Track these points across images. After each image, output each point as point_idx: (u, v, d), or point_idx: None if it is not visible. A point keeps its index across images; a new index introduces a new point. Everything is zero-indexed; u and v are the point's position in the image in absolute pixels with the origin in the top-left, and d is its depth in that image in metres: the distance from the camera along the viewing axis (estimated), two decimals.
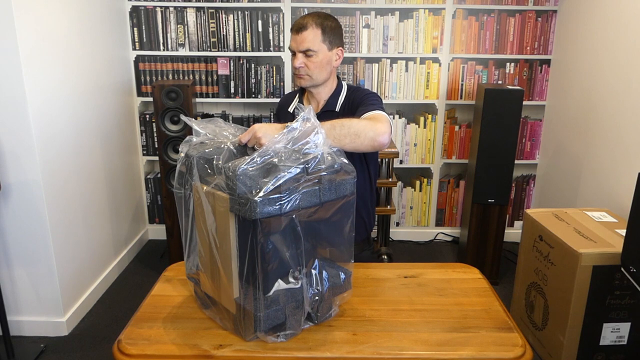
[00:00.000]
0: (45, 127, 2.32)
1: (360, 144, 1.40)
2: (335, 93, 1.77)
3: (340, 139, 1.37)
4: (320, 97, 1.78)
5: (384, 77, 3.33)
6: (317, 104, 1.79)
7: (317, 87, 1.74)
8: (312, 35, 1.64)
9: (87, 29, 2.73)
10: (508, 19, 3.24)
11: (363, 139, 1.40)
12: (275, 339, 1.19)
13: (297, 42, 1.66)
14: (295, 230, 1.16)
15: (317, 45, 1.65)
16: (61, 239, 2.46)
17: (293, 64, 1.69)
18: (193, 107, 2.89)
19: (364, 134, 1.40)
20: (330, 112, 1.74)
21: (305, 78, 1.70)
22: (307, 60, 1.66)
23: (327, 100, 1.76)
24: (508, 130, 2.85)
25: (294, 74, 1.73)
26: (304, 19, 1.66)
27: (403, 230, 3.63)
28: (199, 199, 1.22)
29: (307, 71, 1.68)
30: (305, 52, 1.65)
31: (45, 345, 2.40)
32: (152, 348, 1.19)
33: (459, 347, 1.19)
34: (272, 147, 1.15)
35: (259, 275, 1.13)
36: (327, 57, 1.68)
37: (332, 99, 1.76)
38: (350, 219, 1.27)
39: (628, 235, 1.71)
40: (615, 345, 2.07)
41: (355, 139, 1.38)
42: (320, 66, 1.68)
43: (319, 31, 1.64)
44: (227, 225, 1.14)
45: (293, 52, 1.68)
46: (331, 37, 1.67)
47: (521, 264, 2.42)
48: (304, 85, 1.73)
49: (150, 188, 3.53)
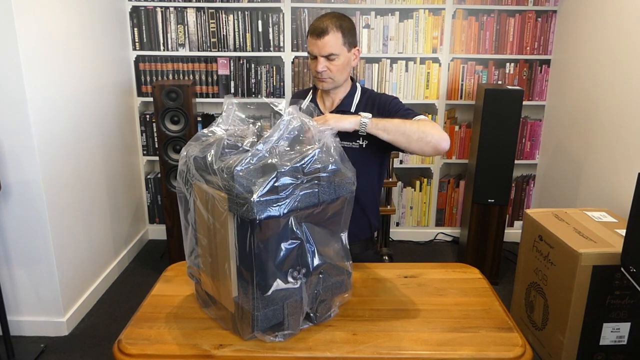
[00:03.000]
0: (45, 127, 2.32)
1: (425, 145, 1.48)
2: (350, 93, 1.76)
3: (410, 134, 1.46)
4: (336, 96, 1.77)
5: (384, 77, 3.33)
6: (331, 103, 1.78)
7: (337, 88, 1.74)
8: (334, 40, 1.62)
9: (87, 29, 2.73)
10: (508, 19, 3.24)
11: (430, 139, 1.47)
12: (273, 338, 1.19)
13: (319, 47, 1.63)
14: (294, 230, 1.16)
15: (339, 48, 1.63)
16: (61, 239, 2.46)
17: (315, 68, 1.66)
18: (193, 107, 2.89)
19: (431, 135, 1.47)
20: (345, 112, 1.72)
21: (327, 81, 1.68)
22: (329, 63, 1.65)
23: (342, 100, 1.75)
24: (508, 130, 2.85)
25: (314, 77, 1.71)
26: (322, 22, 1.63)
27: (403, 230, 3.64)
28: (198, 198, 1.22)
29: (329, 74, 1.66)
30: (327, 57, 1.64)
31: (45, 345, 2.40)
32: (152, 348, 1.19)
33: (459, 347, 1.19)
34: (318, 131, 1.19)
35: (257, 275, 1.13)
36: (347, 59, 1.67)
37: (347, 99, 1.75)
38: (348, 219, 1.27)
39: (628, 235, 1.71)
40: (615, 345, 2.07)
41: (422, 137, 1.46)
42: (342, 68, 1.67)
43: (339, 34, 1.63)
44: (225, 224, 1.14)
45: (314, 56, 1.66)
46: (349, 38, 1.67)
47: (521, 264, 2.42)
48: (326, 88, 1.71)
49: (151, 188, 3.53)
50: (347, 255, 1.30)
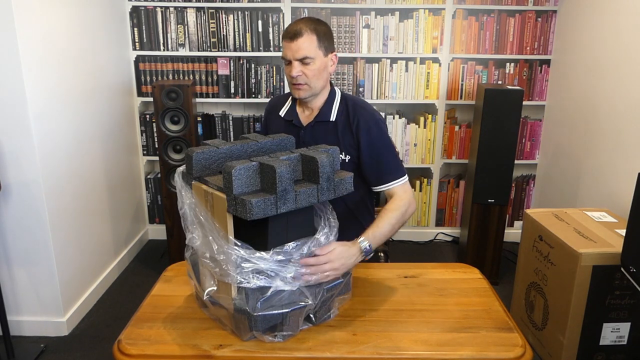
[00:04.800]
0: (45, 127, 2.32)
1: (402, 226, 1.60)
2: (329, 100, 1.70)
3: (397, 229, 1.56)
4: (314, 105, 1.72)
5: (384, 77, 3.33)
6: (310, 112, 1.73)
7: (314, 96, 1.68)
8: (308, 42, 1.57)
9: (87, 29, 2.73)
10: (508, 19, 3.24)
11: (403, 223, 1.59)
12: (272, 339, 1.19)
13: (292, 50, 1.58)
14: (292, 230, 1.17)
15: (314, 51, 1.58)
16: (61, 239, 2.46)
17: (289, 73, 1.61)
18: (193, 107, 2.89)
19: (406, 217, 1.59)
20: (325, 123, 1.69)
21: (303, 88, 1.62)
22: (304, 68, 1.59)
23: (321, 109, 1.70)
24: (508, 130, 2.85)
25: (290, 85, 1.65)
26: (296, 25, 1.59)
27: (403, 230, 3.63)
28: (198, 198, 1.23)
29: (305, 79, 1.60)
30: (302, 60, 1.58)
31: (45, 345, 2.40)
32: (152, 348, 1.19)
33: (459, 347, 1.19)
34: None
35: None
36: (323, 64, 1.62)
37: (326, 107, 1.70)
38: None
39: (628, 235, 1.71)
40: (615, 345, 2.07)
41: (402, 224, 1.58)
42: (318, 73, 1.61)
43: (314, 37, 1.58)
44: (224, 224, 1.15)
45: (288, 60, 1.61)
46: (325, 42, 1.62)
47: (521, 264, 2.42)
48: (302, 96, 1.65)
49: (151, 188, 3.53)
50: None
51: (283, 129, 1.73)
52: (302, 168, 1.21)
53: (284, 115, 1.78)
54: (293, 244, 1.17)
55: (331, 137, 1.67)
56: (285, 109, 1.79)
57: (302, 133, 1.71)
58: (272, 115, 1.84)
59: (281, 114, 1.79)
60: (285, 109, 1.79)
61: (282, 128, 1.75)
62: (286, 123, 1.76)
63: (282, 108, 1.80)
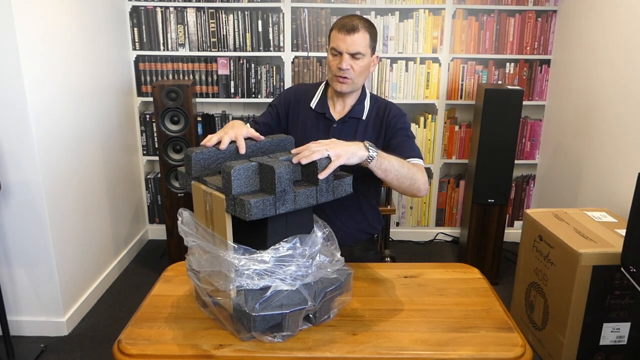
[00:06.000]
0: (45, 127, 2.32)
1: (408, 188, 1.47)
2: (361, 99, 1.72)
3: (403, 181, 1.44)
4: (347, 101, 1.71)
5: (384, 77, 3.33)
6: (342, 108, 1.72)
7: (352, 92, 1.69)
8: (362, 38, 1.59)
9: (87, 29, 2.73)
10: (508, 19, 3.24)
11: (412, 185, 1.47)
12: (271, 339, 1.18)
13: (347, 44, 1.58)
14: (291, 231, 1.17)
15: (365, 48, 1.60)
16: (61, 239, 2.46)
17: (338, 65, 1.61)
18: (193, 107, 2.89)
19: (417, 183, 1.48)
20: (357, 120, 1.69)
21: (347, 82, 1.62)
22: (354, 62, 1.60)
23: (354, 106, 1.70)
24: (508, 130, 2.85)
25: (333, 76, 1.64)
26: (353, 20, 1.60)
27: (403, 230, 3.63)
28: (197, 198, 1.23)
29: (352, 74, 1.61)
30: (353, 55, 1.60)
31: (45, 345, 2.40)
32: (152, 348, 1.19)
33: (459, 347, 1.19)
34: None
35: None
36: (369, 62, 1.64)
37: (358, 105, 1.70)
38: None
39: (628, 235, 1.71)
40: (615, 345, 2.07)
41: (411, 185, 1.46)
42: (364, 70, 1.63)
43: (367, 35, 1.60)
44: (223, 224, 1.15)
45: (338, 52, 1.60)
46: (374, 43, 1.65)
47: (521, 264, 2.42)
48: (345, 90, 1.64)
49: (151, 188, 3.53)
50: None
51: (313, 121, 1.71)
52: (302, 169, 1.21)
53: (314, 107, 1.73)
54: (292, 244, 1.17)
55: (359, 135, 1.68)
56: (315, 100, 1.74)
57: (334, 127, 1.70)
58: (301, 105, 1.76)
59: (312, 105, 1.74)
60: (316, 101, 1.74)
61: (312, 119, 1.72)
62: (317, 115, 1.72)
63: (312, 99, 1.75)
